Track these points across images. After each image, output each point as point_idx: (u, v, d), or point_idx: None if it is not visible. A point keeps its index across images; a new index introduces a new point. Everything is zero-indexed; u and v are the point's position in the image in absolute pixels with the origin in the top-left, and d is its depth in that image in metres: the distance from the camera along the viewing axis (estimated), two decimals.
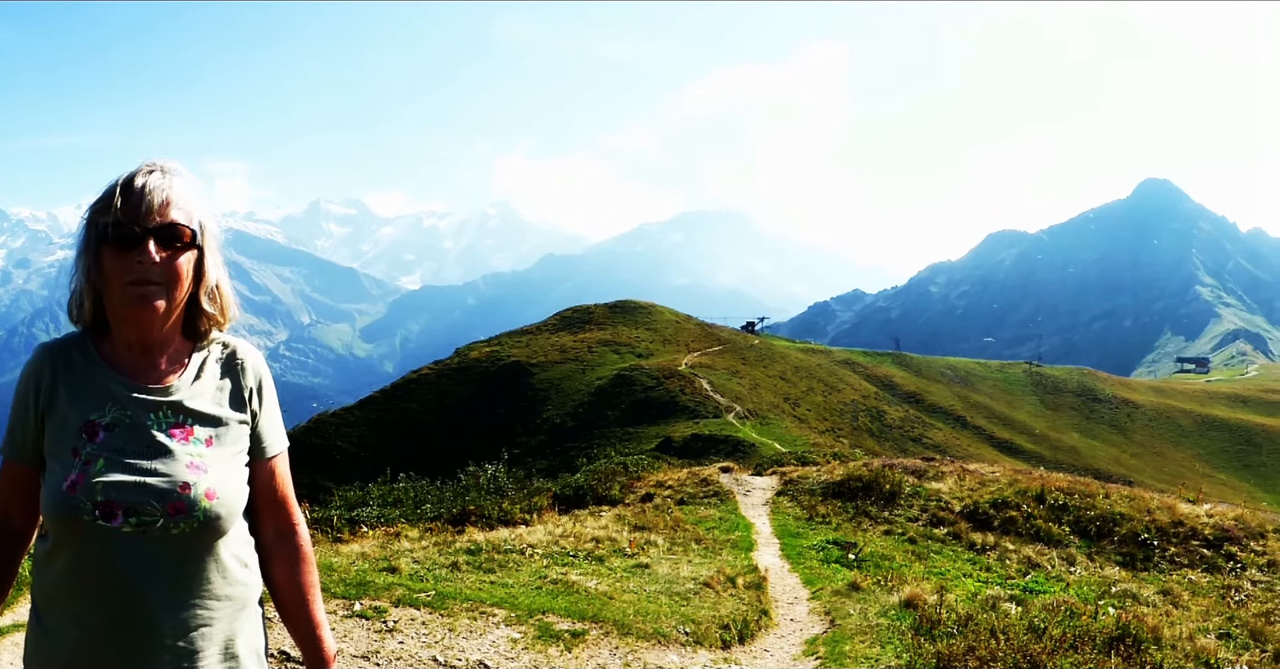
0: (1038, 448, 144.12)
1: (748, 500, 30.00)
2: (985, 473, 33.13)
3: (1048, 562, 25.02)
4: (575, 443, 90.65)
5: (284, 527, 3.99)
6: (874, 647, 13.54)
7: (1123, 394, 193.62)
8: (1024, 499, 29.40)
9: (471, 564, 16.60)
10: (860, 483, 29.93)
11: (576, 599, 14.72)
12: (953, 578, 21.12)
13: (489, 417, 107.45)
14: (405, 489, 25.83)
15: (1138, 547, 27.33)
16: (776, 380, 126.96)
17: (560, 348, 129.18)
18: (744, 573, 19.05)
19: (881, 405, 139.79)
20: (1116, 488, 32.77)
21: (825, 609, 16.69)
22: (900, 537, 25.90)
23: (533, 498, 25.18)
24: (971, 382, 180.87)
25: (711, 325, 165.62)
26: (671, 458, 61.24)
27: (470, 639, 11.73)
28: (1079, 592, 20.42)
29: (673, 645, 13.27)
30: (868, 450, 72.05)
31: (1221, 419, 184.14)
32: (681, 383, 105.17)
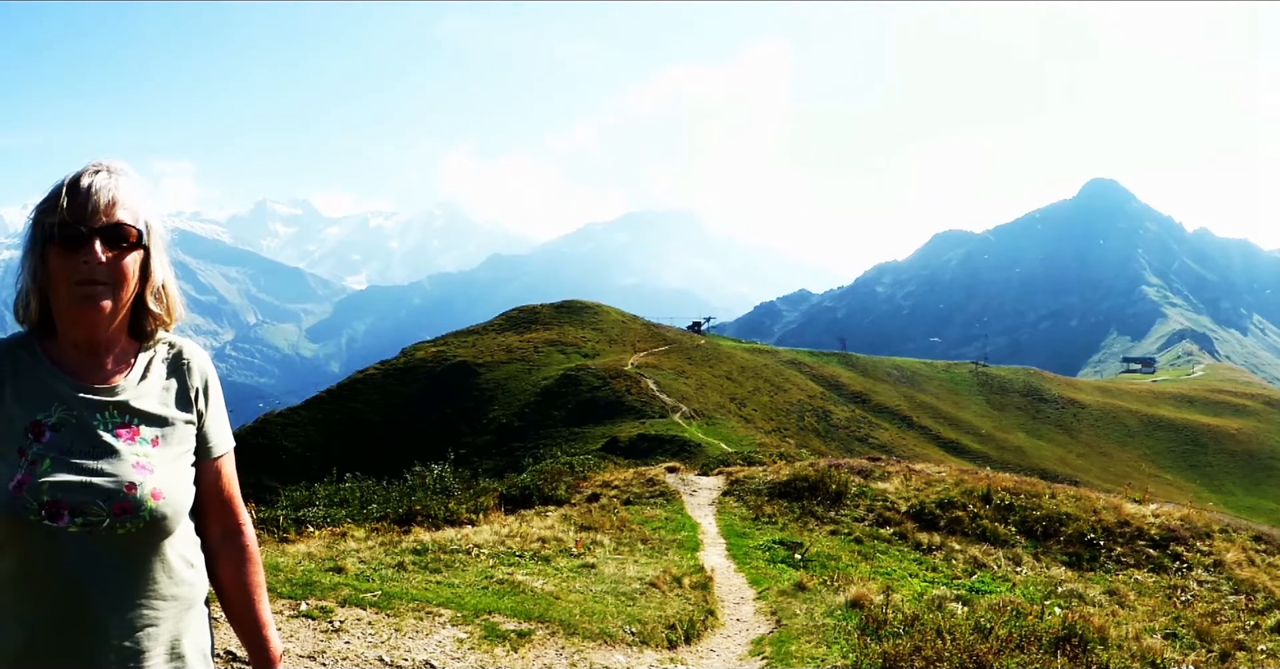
0: (984, 448, 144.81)
1: (694, 500, 30.03)
2: (931, 473, 33.24)
3: (994, 562, 25.11)
4: (521, 443, 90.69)
5: (230, 527, 3.99)
6: (820, 647, 13.57)
7: (1069, 394, 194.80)
8: (970, 499, 29.49)
9: (418, 564, 16.57)
10: (806, 483, 29.97)
11: (523, 599, 14.71)
12: (899, 578, 21.21)
13: (435, 417, 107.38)
14: (351, 489, 25.73)
15: (1084, 547, 27.46)
16: (723, 380, 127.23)
17: (506, 348, 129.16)
18: (690, 573, 19.07)
19: (828, 405, 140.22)
20: (1063, 488, 32.95)
21: (772, 609, 16.73)
22: (846, 537, 25.94)
23: (479, 498, 25.16)
24: (918, 382, 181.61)
25: (658, 325, 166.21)
26: (618, 458, 61.26)
27: (416, 639, 11.71)
28: (1025, 592, 20.49)
29: (619, 645, 13.28)
30: (814, 450, 72.39)
31: (1168, 419, 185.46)
32: (628, 383, 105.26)
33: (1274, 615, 22.97)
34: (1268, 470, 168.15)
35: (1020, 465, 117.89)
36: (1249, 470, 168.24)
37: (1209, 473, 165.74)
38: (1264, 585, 25.34)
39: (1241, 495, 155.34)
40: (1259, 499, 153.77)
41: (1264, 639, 20.94)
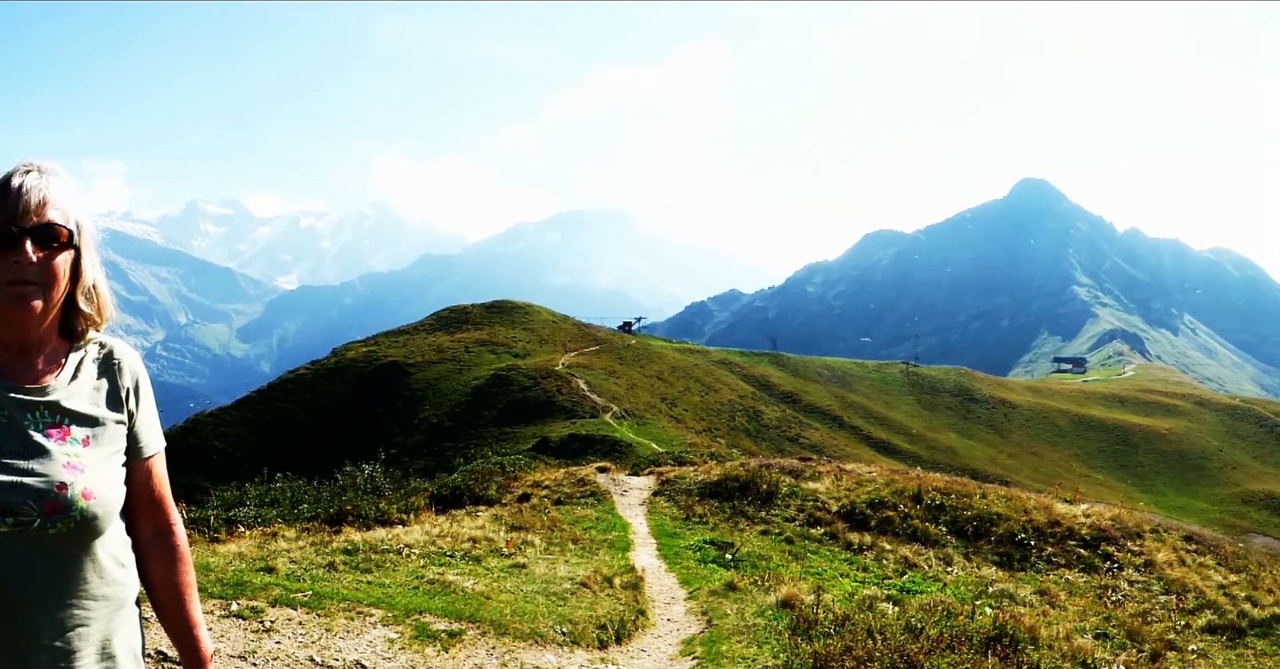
0: (915, 448, 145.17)
1: (625, 500, 30.06)
2: (862, 473, 33.38)
3: (925, 561, 25.22)
4: (452, 443, 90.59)
5: (161, 527, 3.99)
6: (751, 647, 13.62)
7: (1000, 394, 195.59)
8: (901, 499, 29.60)
9: (349, 564, 16.54)
10: (737, 483, 30.04)
11: (453, 599, 14.70)
12: (830, 578, 21.27)
13: (366, 417, 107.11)
14: (282, 489, 25.70)
15: (1015, 547, 27.61)
16: (653, 380, 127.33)
17: (437, 348, 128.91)
18: (621, 573, 19.08)
19: (758, 405, 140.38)
20: (993, 488, 33.13)
21: (702, 609, 16.78)
22: (777, 536, 26.01)
23: (410, 498, 25.16)
24: (848, 382, 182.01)
25: (589, 325, 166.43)
26: (549, 458, 61.40)
27: (347, 639, 11.68)
28: (956, 592, 20.61)
29: (550, 645, 13.29)
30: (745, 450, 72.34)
31: (1098, 419, 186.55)
32: (559, 383, 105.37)
33: (1205, 615, 23.21)
34: (1199, 470, 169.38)
35: (951, 465, 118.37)
36: (1180, 470, 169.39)
37: (1140, 473, 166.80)
38: (1195, 585, 25.54)
39: (1172, 495, 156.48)
40: (1190, 499, 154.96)
41: (1195, 639, 21.16)
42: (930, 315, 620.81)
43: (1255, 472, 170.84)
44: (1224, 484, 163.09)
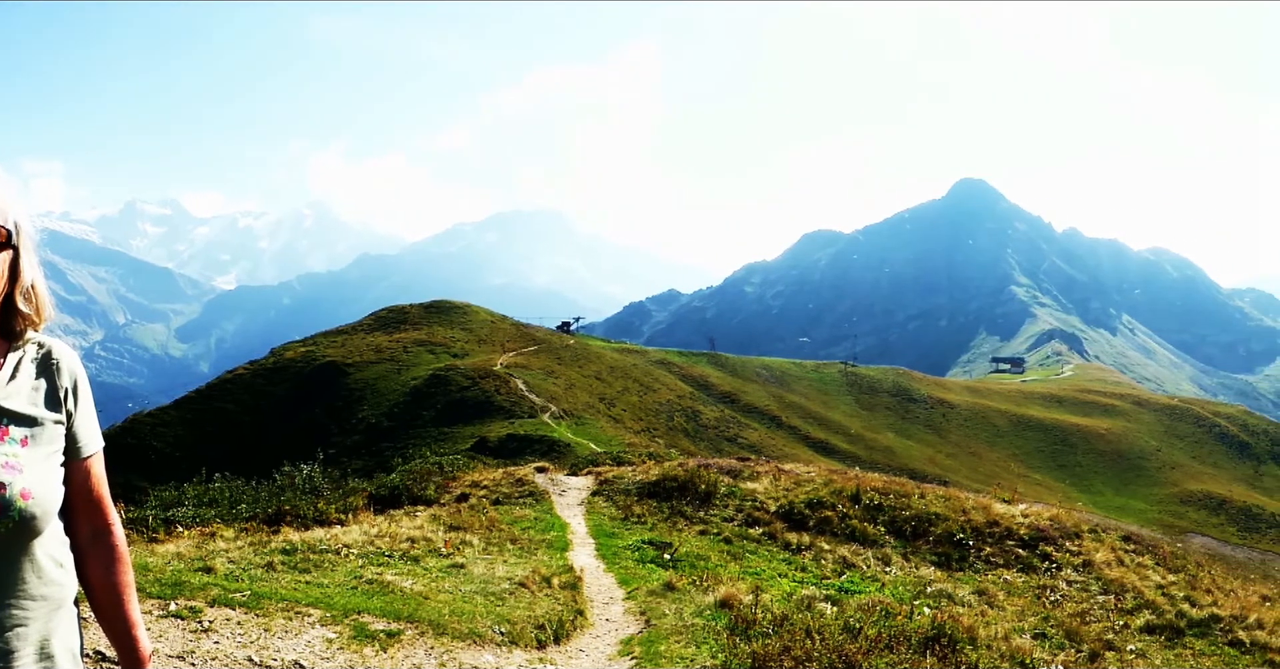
0: (853, 448, 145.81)
1: (563, 500, 30.09)
2: (801, 473, 33.44)
3: (863, 562, 25.28)
4: (391, 443, 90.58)
5: (99, 527, 3.98)
6: (689, 647, 13.64)
7: (938, 394, 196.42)
8: (839, 499, 29.67)
9: (287, 564, 16.49)
10: (676, 483, 30.08)
11: (392, 599, 14.69)
12: (768, 578, 21.31)
13: (305, 416, 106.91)
14: (221, 489, 25.60)
15: (953, 547, 27.70)
16: (592, 380, 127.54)
17: (376, 348, 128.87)
18: (559, 573, 19.13)
19: (697, 405, 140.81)
20: (932, 488, 33.23)
21: (641, 609, 16.79)
22: (716, 537, 26.05)
23: (348, 498, 25.18)
24: (787, 382, 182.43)
25: (527, 325, 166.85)
26: (487, 458, 61.39)
27: (286, 639, 11.66)
28: (894, 592, 20.69)
29: (488, 645, 13.29)
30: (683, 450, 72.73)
31: (1037, 419, 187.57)
32: (497, 383, 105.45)
33: (1143, 615, 23.35)
34: (1137, 470, 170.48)
35: (889, 465, 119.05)
36: (1118, 470, 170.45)
37: (1078, 473, 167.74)
38: (1133, 585, 25.68)
39: (1110, 495, 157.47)
40: (1128, 499, 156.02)
41: (1133, 639, 21.30)
42: (869, 315, 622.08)
43: (1193, 472, 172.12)
44: (1162, 484, 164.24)
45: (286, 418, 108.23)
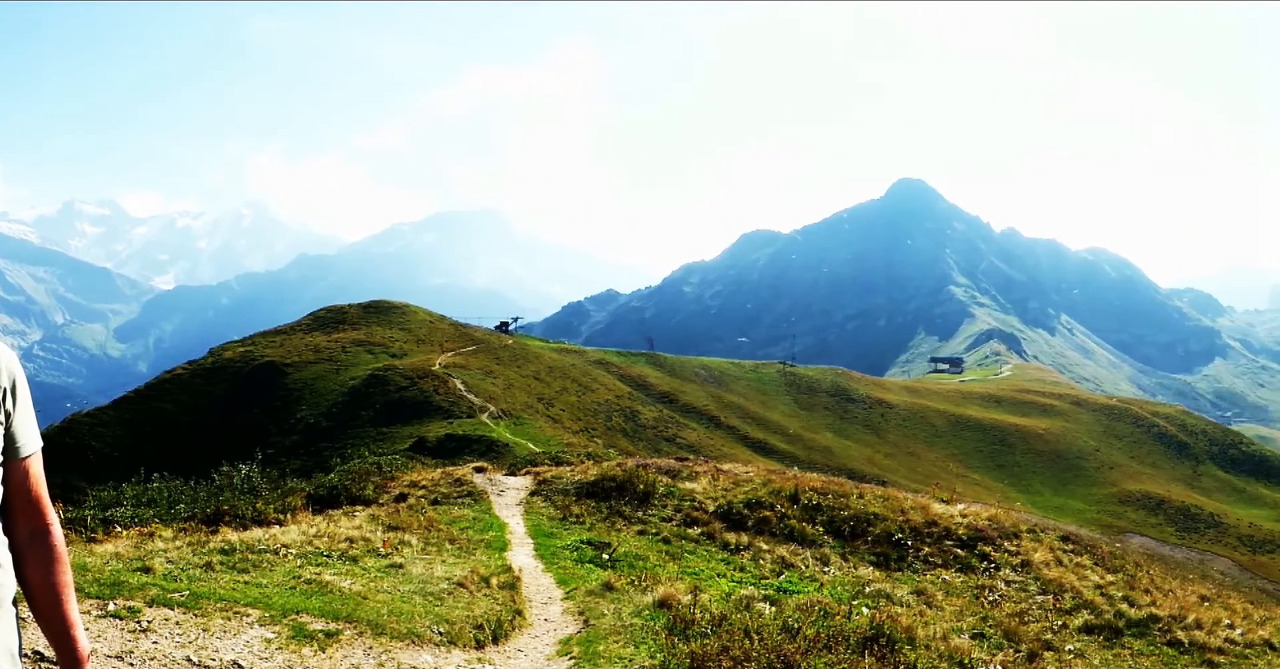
0: (792, 448, 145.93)
1: (502, 500, 30.09)
2: (739, 473, 33.52)
3: (802, 562, 25.35)
4: (329, 443, 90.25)
5: (38, 527, 3.98)
6: (628, 647, 13.67)
7: (877, 394, 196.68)
8: (778, 499, 29.73)
9: (226, 564, 16.46)
10: (614, 483, 30.13)
11: (330, 599, 14.69)
12: (707, 578, 21.35)
13: (243, 416, 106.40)
14: (159, 489, 25.55)
15: (892, 547, 27.80)
16: (530, 380, 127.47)
17: (314, 348, 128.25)
18: (498, 573, 19.16)
19: (635, 405, 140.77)
20: (870, 488, 33.33)
21: (579, 609, 16.84)
22: (654, 537, 26.10)
23: (287, 498, 25.16)
24: (725, 382, 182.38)
25: (466, 325, 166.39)
26: (426, 458, 61.49)
27: (224, 639, 11.64)
28: (833, 592, 20.78)
29: (427, 645, 13.31)
30: (621, 450, 72.63)
31: (975, 419, 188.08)
32: (435, 383, 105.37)
33: (1081, 615, 23.52)
34: (1075, 470, 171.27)
35: (828, 465, 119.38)
36: (1056, 470, 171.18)
37: (1017, 473, 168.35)
38: (1072, 585, 25.84)
39: (1049, 495, 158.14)
40: (1066, 499, 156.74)
41: (1071, 639, 21.49)
42: (807, 315, 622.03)
43: (1132, 471, 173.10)
44: (1101, 484, 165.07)
45: (225, 418, 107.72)
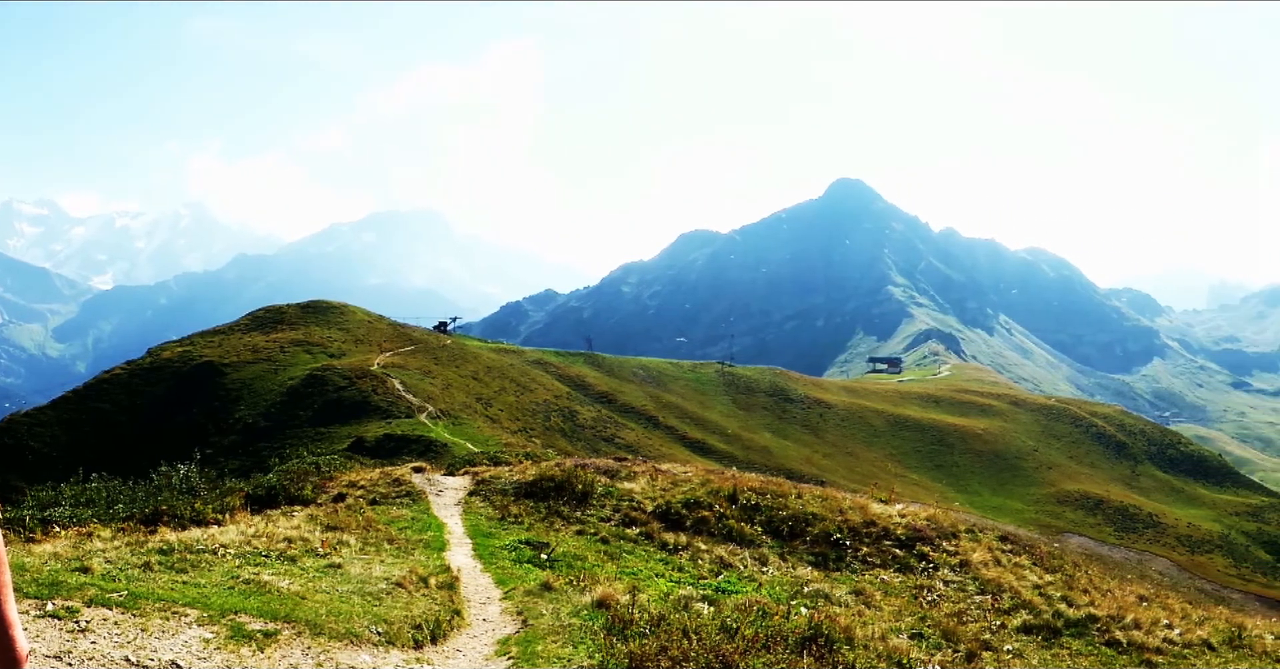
0: (730, 448, 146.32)
1: (440, 500, 30.15)
2: (678, 473, 33.60)
3: (740, 562, 25.44)
4: (268, 443, 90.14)
5: None
6: (566, 647, 13.74)
7: (815, 394, 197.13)
8: (716, 499, 29.82)
9: (164, 564, 16.40)
10: (553, 483, 30.23)
11: (269, 599, 14.69)
12: (645, 578, 21.43)
13: (182, 417, 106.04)
14: (98, 489, 25.48)
15: (830, 547, 27.92)
16: (469, 380, 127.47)
17: (253, 348, 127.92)
18: (436, 573, 19.22)
19: (574, 405, 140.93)
20: (809, 488, 33.42)
21: (518, 609, 16.93)
22: (593, 537, 26.19)
23: (225, 498, 25.16)
24: (664, 382, 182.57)
25: (404, 325, 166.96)
26: (364, 458, 61.53)
27: (163, 639, 11.64)
28: (771, 592, 20.87)
29: (365, 645, 13.35)
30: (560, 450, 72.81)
31: (914, 419, 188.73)
32: (374, 383, 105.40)
33: (1020, 615, 23.70)
34: (1014, 470, 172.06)
35: (766, 465, 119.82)
36: (995, 470, 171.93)
37: (955, 473, 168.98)
38: (1010, 585, 26.01)
39: (988, 495, 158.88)
40: (1005, 499, 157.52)
41: (1010, 639, 21.65)
42: (746, 315, 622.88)
43: (1070, 471, 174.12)
44: (1039, 484, 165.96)
45: (164, 418, 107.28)
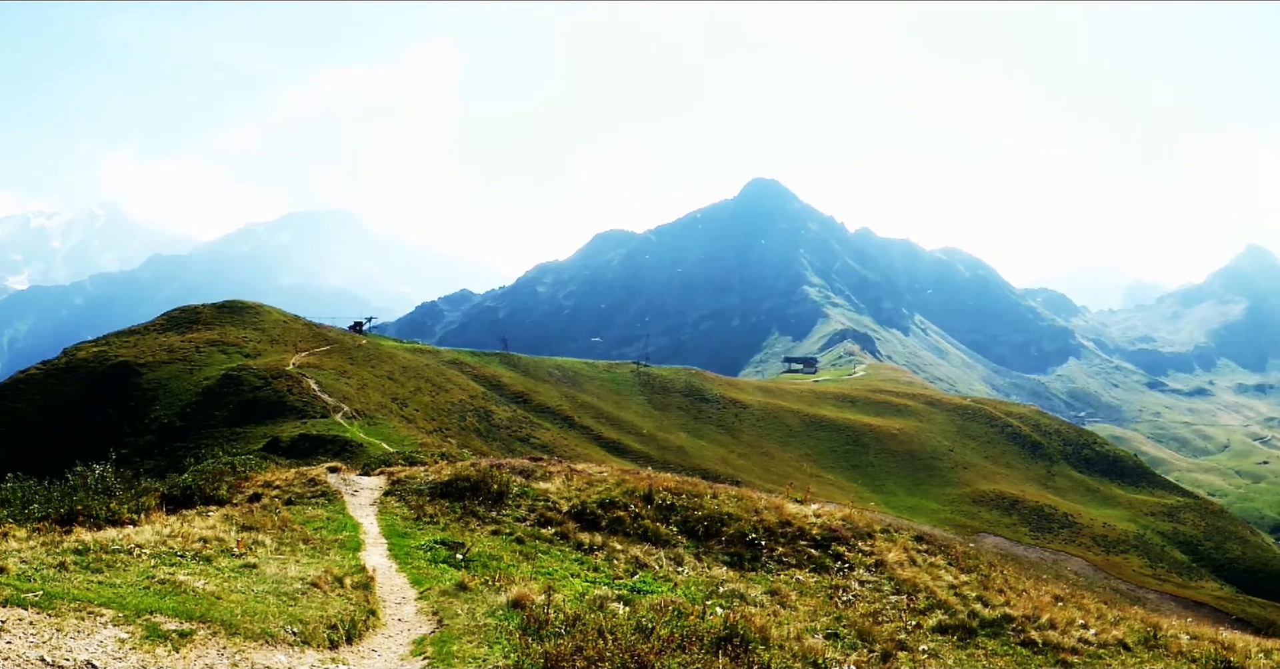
0: (646, 448, 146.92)
1: (356, 500, 30.16)
2: (593, 473, 33.73)
3: (656, 562, 25.58)
4: (183, 443, 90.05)
5: None
6: (482, 647, 13.86)
7: (731, 394, 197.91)
8: (632, 499, 29.96)
9: (80, 564, 16.42)
10: (468, 483, 30.33)
11: (184, 599, 14.72)
12: (561, 578, 21.56)
13: (98, 417, 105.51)
14: (13, 489, 25.38)
15: (746, 547, 28.10)
16: (384, 380, 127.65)
17: (168, 348, 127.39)
18: (352, 573, 19.30)
19: (489, 405, 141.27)
20: (725, 488, 33.59)
21: (433, 609, 17.06)
22: (508, 536, 26.30)
23: (141, 498, 25.17)
24: (579, 382, 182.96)
25: (320, 326, 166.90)
26: (280, 458, 61.49)
27: (78, 639, 11.65)
28: (687, 592, 21.03)
29: (280, 645, 13.39)
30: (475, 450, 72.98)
31: (829, 419, 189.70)
32: (289, 383, 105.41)
33: (936, 615, 23.94)
34: (929, 470, 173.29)
35: (682, 465, 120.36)
36: (910, 471, 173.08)
37: (871, 473, 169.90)
38: (926, 585, 26.28)
39: (903, 495, 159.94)
40: (920, 499, 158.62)
41: (925, 639, 21.88)
42: (661, 315, 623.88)
43: (986, 471, 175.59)
44: (955, 484, 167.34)
45: (79, 418, 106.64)
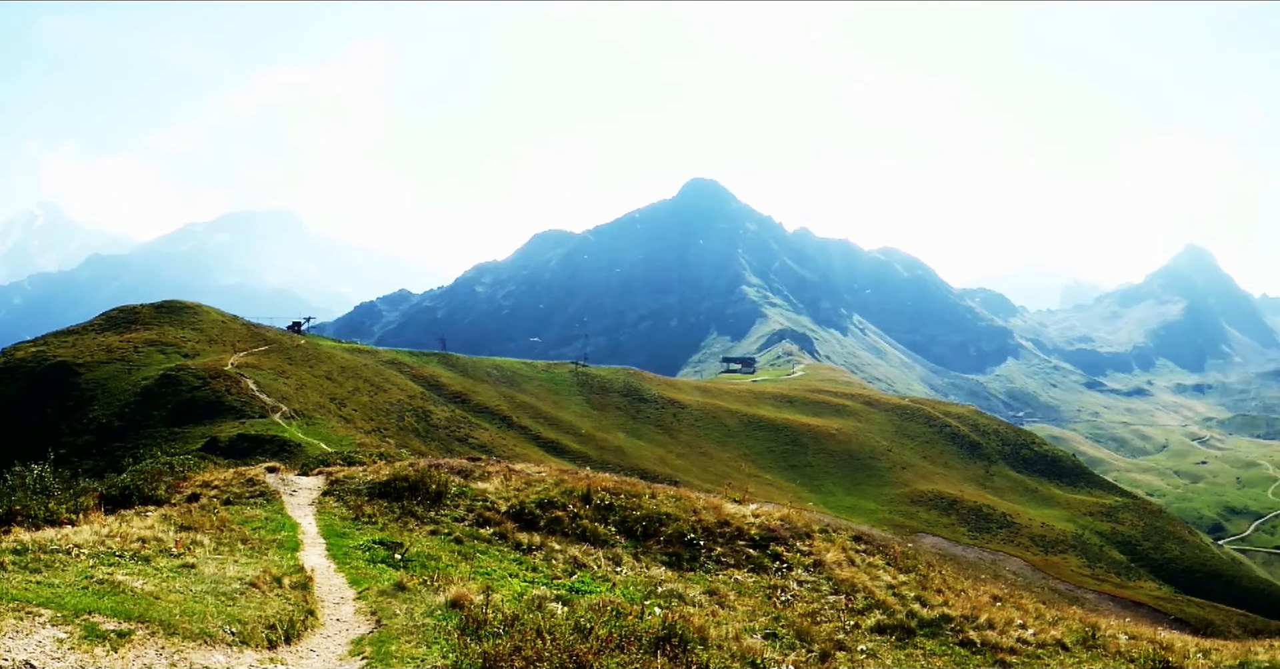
0: (584, 448, 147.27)
1: (294, 500, 30.13)
2: (532, 473, 33.79)
3: (594, 562, 25.64)
4: (122, 443, 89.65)
5: None
6: (420, 647, 13.93)
7: (669, 394, 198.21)
8: (570, 499, 30.02)
9: (17, 564, 16.37)
10: (407, 483, 30.33)
11: (123, 599, 14.70)
12: (499, 578, 21.62)
13: (36, 417, 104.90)
14: None
15: (685, 547, 28.17)
16: (323, 380, 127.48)
17: (107, 348, 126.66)
18: (290, 573, 19.27)
19: (428, 405, 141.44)
20: (663, 488, 33.64)
21: (372, 609, 17.09)
22: (447, 536, 26.33)
23: (79, 498, 25.10)
24: (518, 382, 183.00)
25: (258, 325, 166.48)
26: (218, 458, 61.42)
27: (17, 639, 11.65)
28: (625, 592, 21.08)
29: (219, 645, 13.40)
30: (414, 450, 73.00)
31: (768, 419, 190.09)
32: (228, 383, 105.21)
33: (874, 615, 24.08)
34: (868, 470, 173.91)
35: (620, 465, 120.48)
36: (849, 471, 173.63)
37: (809, 473, 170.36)
38: (864, 585, 26.42)
39: (841, 495, 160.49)
40: (859, 499, 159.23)
41: (864, 639, 22.01)
42: (600, 315, 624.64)
43: (924, 471, 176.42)
44: (893, 484, 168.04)
45: (17, 418, 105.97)
